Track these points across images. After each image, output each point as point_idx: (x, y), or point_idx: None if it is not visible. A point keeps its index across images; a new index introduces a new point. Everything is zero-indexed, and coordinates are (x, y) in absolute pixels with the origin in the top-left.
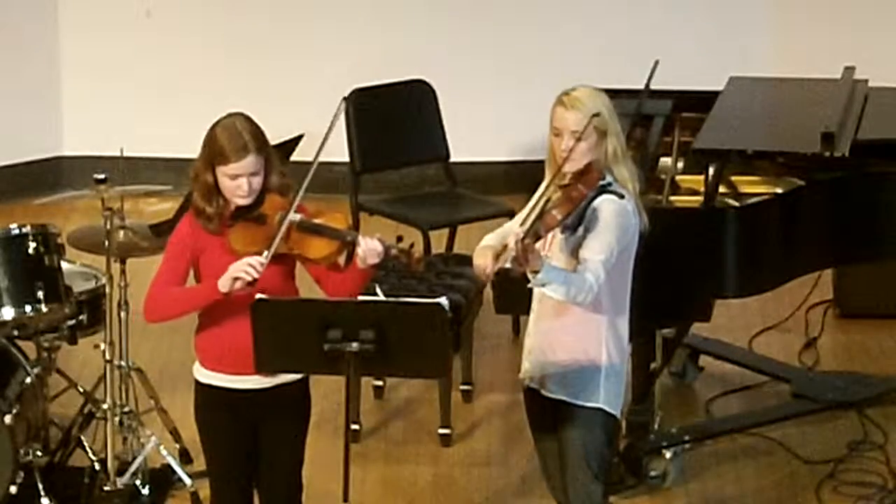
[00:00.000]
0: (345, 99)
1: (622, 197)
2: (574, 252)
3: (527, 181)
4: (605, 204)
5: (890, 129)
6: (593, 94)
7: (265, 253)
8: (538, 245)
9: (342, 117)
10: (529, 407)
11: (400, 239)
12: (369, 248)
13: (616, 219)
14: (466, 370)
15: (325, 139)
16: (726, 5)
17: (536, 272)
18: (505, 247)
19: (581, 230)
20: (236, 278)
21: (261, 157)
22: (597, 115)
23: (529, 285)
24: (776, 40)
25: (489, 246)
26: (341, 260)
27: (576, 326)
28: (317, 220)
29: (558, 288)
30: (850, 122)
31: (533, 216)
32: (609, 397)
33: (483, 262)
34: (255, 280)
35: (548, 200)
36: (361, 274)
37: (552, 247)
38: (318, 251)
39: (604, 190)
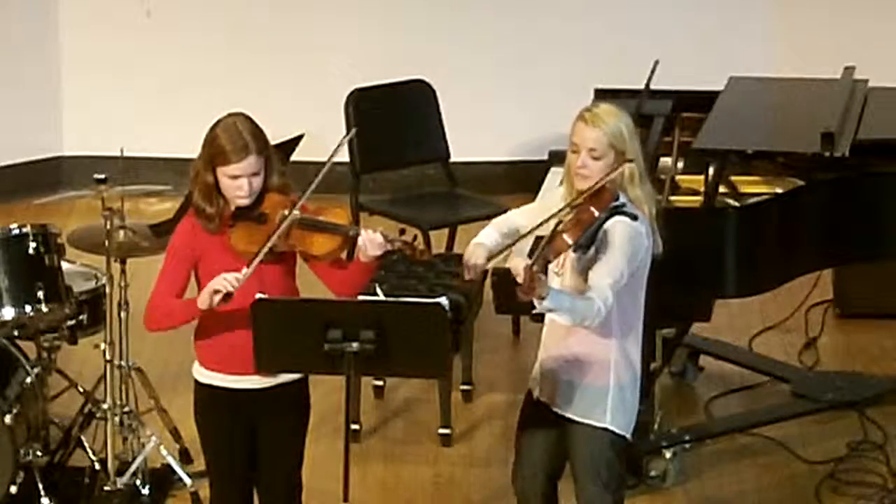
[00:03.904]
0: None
1: (635, 218)
2: (585, 272)
3: (527, 181)
4: (617, 226)
5: (890, 129)
6: (615, 112)
7: (244, 270)
8: (550, 266)
9: (344, 124)
10: (530, 416)
11: (402, 232)
12: (370, 239)
13: (627, 241)
14: (466, 370)
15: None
16: (726, 5)
17: (543, 298)
18: (499, 252)
19: (592, 251)
20: (215, 291)
21: (261, 157)
22: (616, 135)
23: (535, 311)
24: (776, 40)
25: (482, 244)
26: (344, 255)
27: (584, 346)
28: (318, 217)
29: (564, 314)
30: (850, 122)
31: (542, 242)
32: (616, 418)
33: (474, 260)
34: (231, 293)
35: (559, 223)
36: (364, 268)
37: (565, 266)
38: (320, 247)
39: (616, 211)
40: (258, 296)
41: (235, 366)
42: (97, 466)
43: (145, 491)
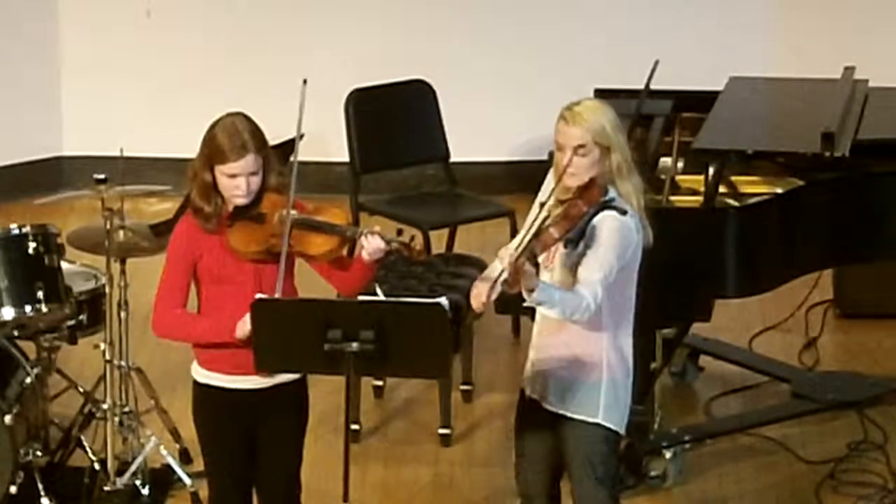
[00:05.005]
0: (304, 82)
1: (624, 213)
2: (575, 267)
3: (527, 181)
4: (606, 221)
5: (890, 129)
6: (597, 107)
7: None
8: (540, 259)
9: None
10: (524, 415)
11: (400, 232)
12: (371, 245)
13: (616, 236)
14: (466, 370)
15: (299, 126)
16: (726, 5)
17: (532, 290)
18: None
19: (582, 246)
20: None
21: (260, 156)
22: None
23: (525, 304)
24: (776, 40)
25: (489, 277)
26: (344, 253)
27: (576, 342)
28: (316, 217)
29: (553, 307)
30: (850, 122)
31: (529, 234)
32: (609, 413)
33: (481, 290)
34: None
35: (546, 217)
36: (366, 267)
37: (554, 260)
38: (318, 248)
39: (606, 206)
40: (258, 296)
41: (234, 366)
42: (97, 466)
43: (145, 491)
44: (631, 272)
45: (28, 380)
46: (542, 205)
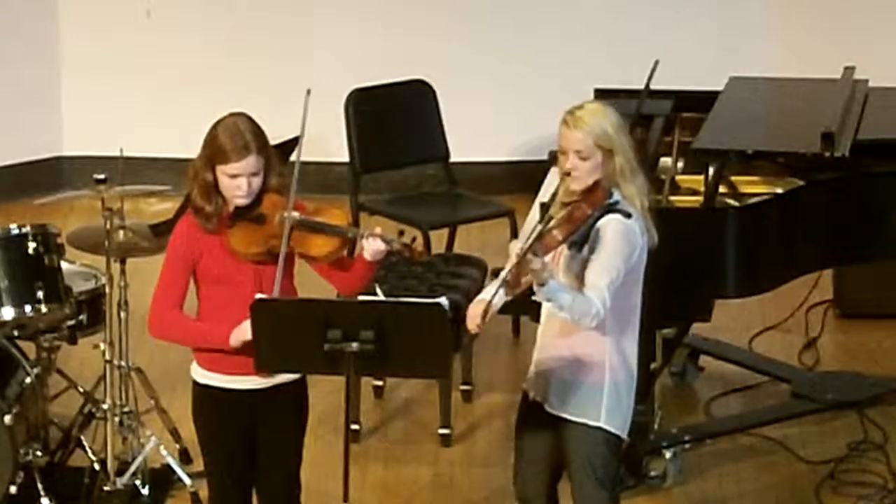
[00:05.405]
0: (308, 92)
1: (629, 216)
2: (579, 271)
3: (526, 181)
4: (610, 224)
5: (890, 129)
6: (598, 110)
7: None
8: (547, 258)
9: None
10: (526, 416)
11: (401, 233)
12: (373, 247)
13: (621, 240)
14: (466, 370)
15: (302, 134)
16: (726, 5)
17: (542, 284)
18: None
19: (586, 250)
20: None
21: (261, 157)
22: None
23: (534, 298)
24: (776, 40)
25: (483, 300)
26: (345, 253)
27: (579, 345)
28: (316, 218)
29: (562, 305)
30: (850, 122)
31: (533, 236)
32: (611, 417)
33: (475, 311)
34: None
35: (550, 219)
36: (366, 267)
37: (558, 262)
38: (319, 249)
39: (610, 209)
40: (258, 296)
41: (233, 366)
42: (97, 466)
43: (145, 491)
44: (636, 275)
45: (28, 380)
46: (543, 205)
